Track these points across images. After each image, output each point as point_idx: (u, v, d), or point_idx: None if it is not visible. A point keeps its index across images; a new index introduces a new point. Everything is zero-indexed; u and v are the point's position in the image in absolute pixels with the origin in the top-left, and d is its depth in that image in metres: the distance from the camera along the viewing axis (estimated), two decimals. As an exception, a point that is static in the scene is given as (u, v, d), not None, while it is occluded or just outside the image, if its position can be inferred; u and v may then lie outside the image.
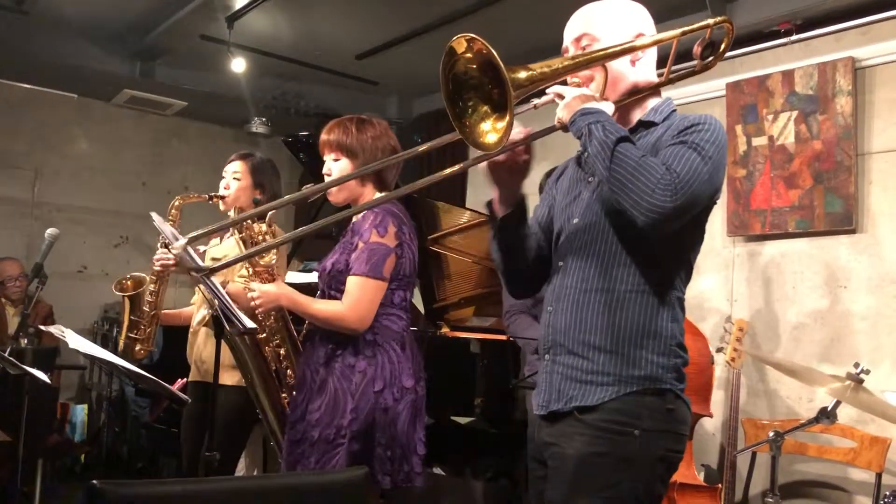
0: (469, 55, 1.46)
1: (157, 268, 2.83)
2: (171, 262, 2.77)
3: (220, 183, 3.00)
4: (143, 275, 2.92)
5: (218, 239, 3.04)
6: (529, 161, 1.73)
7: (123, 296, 2.89)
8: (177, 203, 2.94)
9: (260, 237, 2.56)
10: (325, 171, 2.38)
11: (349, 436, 2.15)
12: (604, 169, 1.52)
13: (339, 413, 2.18)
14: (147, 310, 2.89)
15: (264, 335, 2.52)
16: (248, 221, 2.56)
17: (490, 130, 1.50)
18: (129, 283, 2.91)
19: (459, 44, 1.46)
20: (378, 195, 2.36)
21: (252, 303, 2.27)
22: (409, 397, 2.25)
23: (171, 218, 2.92)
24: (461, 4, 4.22)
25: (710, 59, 1.70)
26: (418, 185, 1.76)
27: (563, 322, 1.66)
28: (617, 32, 1.69)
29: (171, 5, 4.43)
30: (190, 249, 2.36)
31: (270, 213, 2.41)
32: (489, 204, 1.81)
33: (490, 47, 1.42)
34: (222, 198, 2.93)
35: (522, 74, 1.46)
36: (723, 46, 1.69)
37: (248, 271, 2.46)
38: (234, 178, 2.96)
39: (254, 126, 5.94)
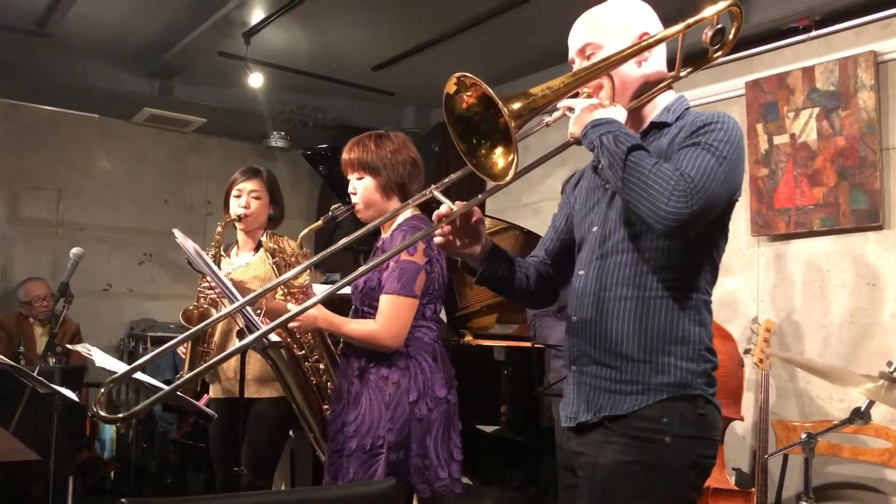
0: (466, 93, 1.46)
1: (208, 302, 2.77)
2: (216, 294, 2.72)
3: (233, 202, 2.93)
4: (206, 306, 2.82)
5: (229, 256, 3.00)
6: (478, 225, 1.66)
7: (191, 329, 2.80)
8: (219, 230, 2.90)
9: (293, 259, 2.61)
10: (350, 190, 2.42)
11: (387, 446, 2.20)
12: (618, 180, 1.49)
13: (375, 424, 2.22)
14: (209, 340, 2.86)
15: (302, 352, 2.56)
16: (281, 244, 2.69)
17: (500, 160, 1.48)
18: (194, 312, 2.80)
19: (451, 86, 1.46)
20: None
21: (291, 324, 2.30)
22: (442, 406, 2.29)
23: (214, 244, 2.89)
24: (475, 13, 4.22)
25: (720, 45, 1.64)
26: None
27: (588, 332, 1.64)
28: (620, 37, 1.65)
29: (188, 23, 4.48)
30: (227, 280, 2.45)
31: (302, 234, 2.49)
32: (463, 266, 1.78)
33: (482, 82, 1.40)
34: (246, 217, 2.90)
35: (518, 105, 1.42)
36: (732, 31, 1.64)
37: (284, 292, 2.50)
38: (253, 198, 2.92)
39: (273, 140, 5.96)
